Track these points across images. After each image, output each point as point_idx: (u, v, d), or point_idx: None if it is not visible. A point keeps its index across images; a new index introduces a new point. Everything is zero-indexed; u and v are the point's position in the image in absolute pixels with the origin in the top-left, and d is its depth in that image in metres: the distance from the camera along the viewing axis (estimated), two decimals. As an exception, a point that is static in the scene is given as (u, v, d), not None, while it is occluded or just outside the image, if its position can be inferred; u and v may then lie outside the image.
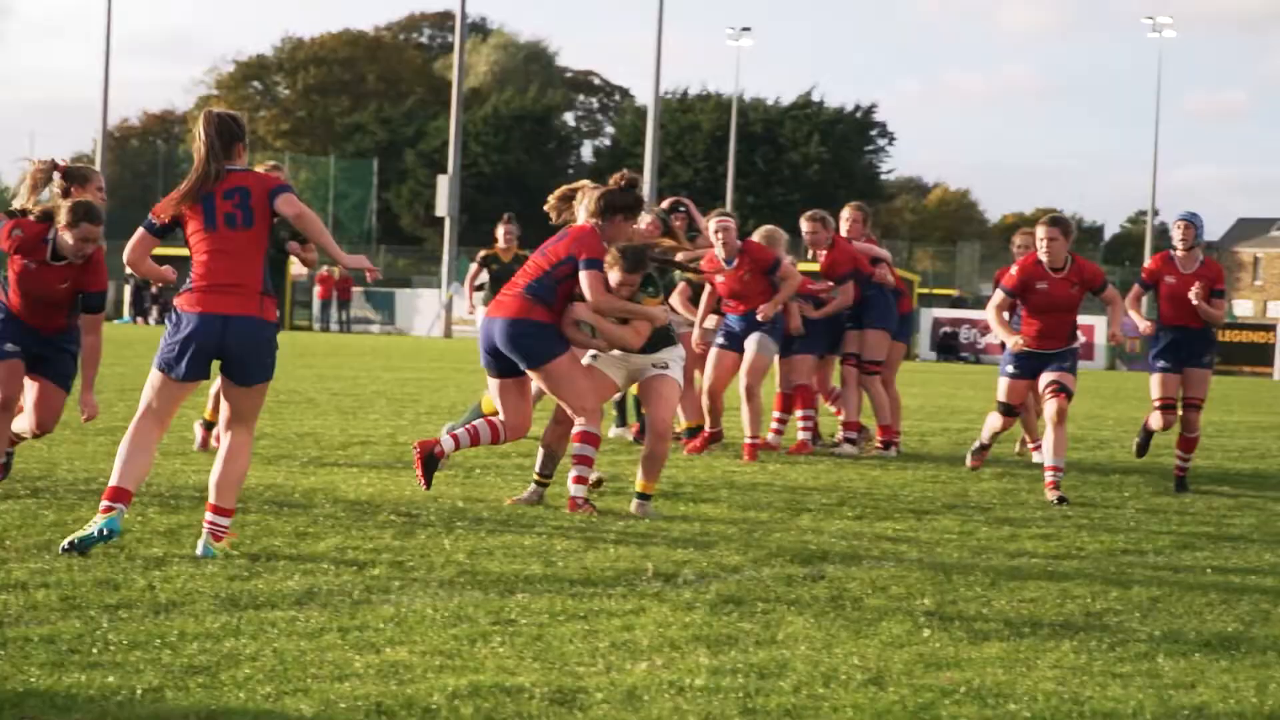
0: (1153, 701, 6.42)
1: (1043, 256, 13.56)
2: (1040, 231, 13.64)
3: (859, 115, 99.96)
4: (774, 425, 16.48)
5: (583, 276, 11.01)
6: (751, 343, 15.53)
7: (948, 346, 55.96)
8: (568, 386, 11.12)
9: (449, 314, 60.62)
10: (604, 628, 7.41)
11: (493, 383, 11.37)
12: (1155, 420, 14.50)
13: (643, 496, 11.34)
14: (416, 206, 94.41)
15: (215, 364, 9.17)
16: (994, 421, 14.53)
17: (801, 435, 16.28)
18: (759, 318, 15.36)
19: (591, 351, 11.42)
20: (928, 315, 56.98)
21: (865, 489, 13.34)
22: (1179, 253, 14.42)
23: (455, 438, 11.27)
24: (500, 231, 21.87)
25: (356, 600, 7.81)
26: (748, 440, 15.43)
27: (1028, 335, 13.65)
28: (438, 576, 8.50)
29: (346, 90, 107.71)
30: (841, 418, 16.70)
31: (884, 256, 16.91)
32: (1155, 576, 9.54)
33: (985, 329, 51.58)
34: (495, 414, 11.57)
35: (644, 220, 13.01)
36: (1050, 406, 13.42)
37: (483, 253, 21.52)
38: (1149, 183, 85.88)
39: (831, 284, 16.31)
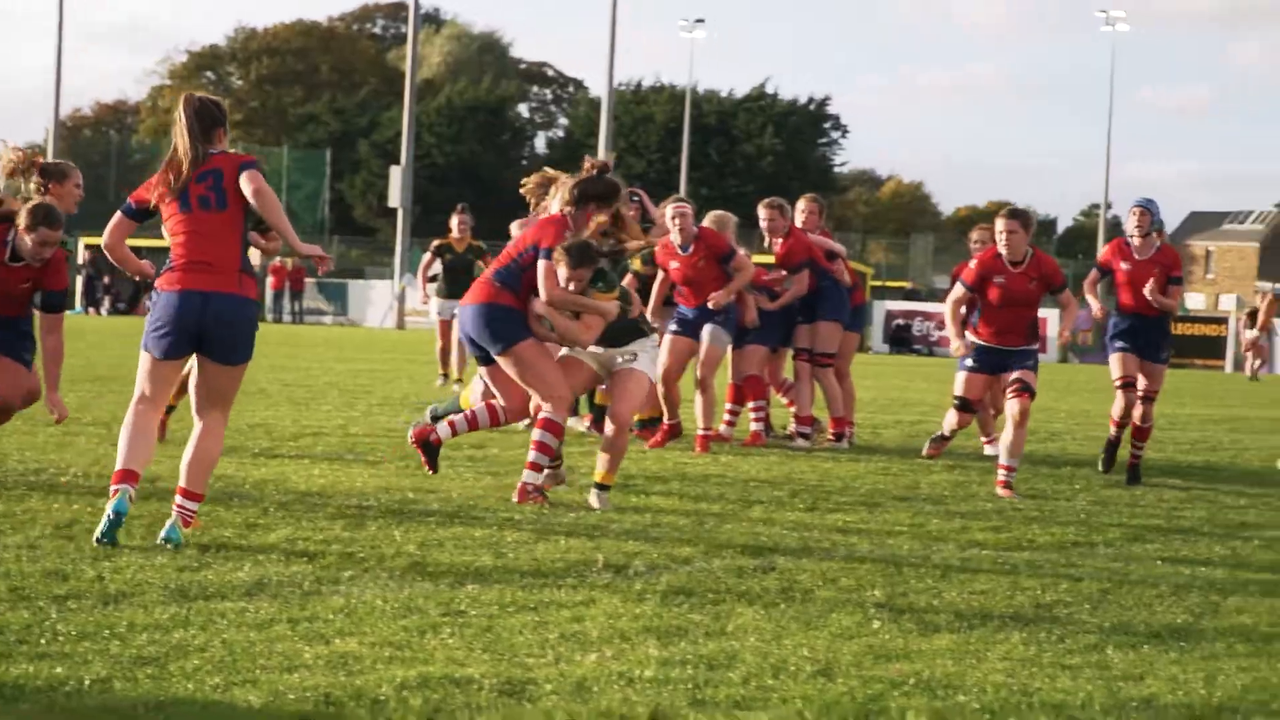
0: (1102, 693, 6.44)
1: (1002, 250, 13.46)
2: (1000, 224, 13.54)
3: (812, 108, 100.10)
4: (726, 417, 16.50)
5: (539, 266, 11.01)
6: (705, 334, 15.52)
7: (900, 339, 56.13)
8: (536, 373, 11.08)
9: (402, 305, 60.51)
10: (554, 619, 7.40)
11: (482, 370, 11.40)
12: (1117, 407, 14.48)
13: (601, 487, 11.32)
14: (370, 197, 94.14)
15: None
16: (951, 419, 14.55)
17: (754, 427, 16.29)
18: (710, 305, 15.34)
19: (563, 350, 11.40)
20: (880, 307, 57.15)
21: (817, 481, 13.35)
22: (1135, 240, 14.45)
23: (452, 425, 11.28)
24: (454, 222, 21.81)
25: (306, 591, 7.79)
26: (700, 432, 15.42)
27: (986, 332, 13.59)
28: (388, 568, 8.48)
29: (300, 81, 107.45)
30: (794, 410, 16.71)
31: (840, 252, 16.91)
32: (1105, 569, 9.57)
33: (941, 322, 51.70)
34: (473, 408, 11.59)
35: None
36: (1013, 405, 13.29)
37: (436, 242, 21.45)
38: (1103, 177, 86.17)
39: (785, 273, 16.30)
